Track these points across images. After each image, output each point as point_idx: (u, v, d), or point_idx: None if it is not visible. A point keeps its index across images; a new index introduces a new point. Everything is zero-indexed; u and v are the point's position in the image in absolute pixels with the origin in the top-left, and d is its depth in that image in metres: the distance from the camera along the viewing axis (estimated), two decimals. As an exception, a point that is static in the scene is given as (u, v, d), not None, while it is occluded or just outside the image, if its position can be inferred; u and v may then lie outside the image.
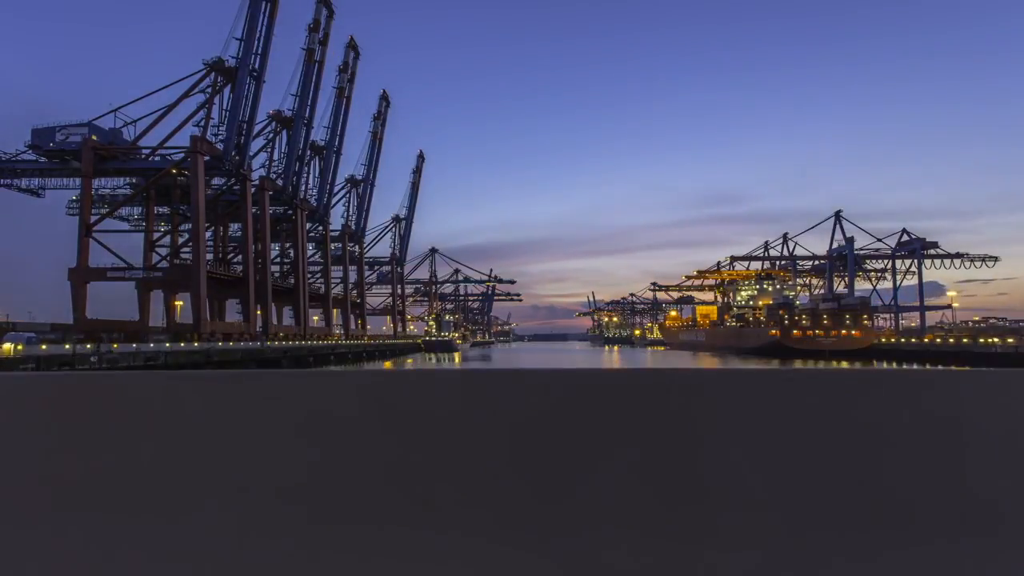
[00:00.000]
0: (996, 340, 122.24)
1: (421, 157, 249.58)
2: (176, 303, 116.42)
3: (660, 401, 3.04)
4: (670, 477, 2.96)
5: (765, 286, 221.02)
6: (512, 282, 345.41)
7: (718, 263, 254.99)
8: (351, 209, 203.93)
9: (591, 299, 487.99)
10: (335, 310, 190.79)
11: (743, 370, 3.15)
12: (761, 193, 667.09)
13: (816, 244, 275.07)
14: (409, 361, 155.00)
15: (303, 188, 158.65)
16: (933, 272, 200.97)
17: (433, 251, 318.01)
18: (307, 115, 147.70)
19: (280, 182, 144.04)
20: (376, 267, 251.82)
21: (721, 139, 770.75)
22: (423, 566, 2.94)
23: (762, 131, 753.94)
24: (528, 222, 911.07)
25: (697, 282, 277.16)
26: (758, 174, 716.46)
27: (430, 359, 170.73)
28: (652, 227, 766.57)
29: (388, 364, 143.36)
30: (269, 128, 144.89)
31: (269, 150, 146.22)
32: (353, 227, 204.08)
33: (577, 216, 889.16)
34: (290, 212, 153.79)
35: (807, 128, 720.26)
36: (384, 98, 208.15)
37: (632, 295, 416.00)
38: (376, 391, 3.13)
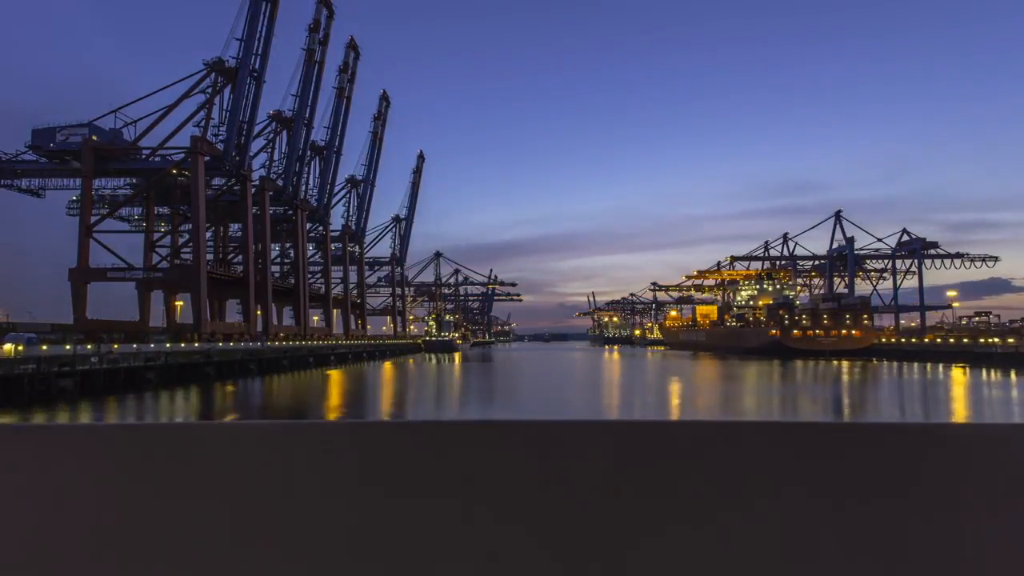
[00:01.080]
0: (997, 340, 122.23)
1: (421, 157, 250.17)
2: (176, 303, 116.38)
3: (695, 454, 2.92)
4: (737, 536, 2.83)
5: (765, 286, 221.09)
6: (513, 284, 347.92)
7: (718, 263, 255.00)
8: (351, 209, 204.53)
9: (591, 299, 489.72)
10: (335, 310, 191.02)
11: (796, 424, 3.02)
12: (833, 183, 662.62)
13: (816, 244, 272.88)
14: (410, 361, 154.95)
15: (303, 188, 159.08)
16: (993, 269, 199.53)
17: (438, 255, 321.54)
18: (307, 115, 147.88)
19: (280, 182, 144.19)
20: (376, 267, 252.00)
21: (787, 128, 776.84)
22: None
23: (846, 121, 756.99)
24: (556, 218, 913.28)
25: (697, 282, 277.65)
26: (831, 165, 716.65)
27: (430, 359, 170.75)
28: (698, 220, 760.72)
29: (388, 364, 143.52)
30: (269, 128, 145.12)
31: (269, 150, 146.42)
32: (353, 227, 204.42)
33: (614, 212, 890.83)
34: (290, 212, 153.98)
35: (895, 117, 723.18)
36: (384, 98, 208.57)
37: (632, 295, 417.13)
38: (435, 439, 3.03)
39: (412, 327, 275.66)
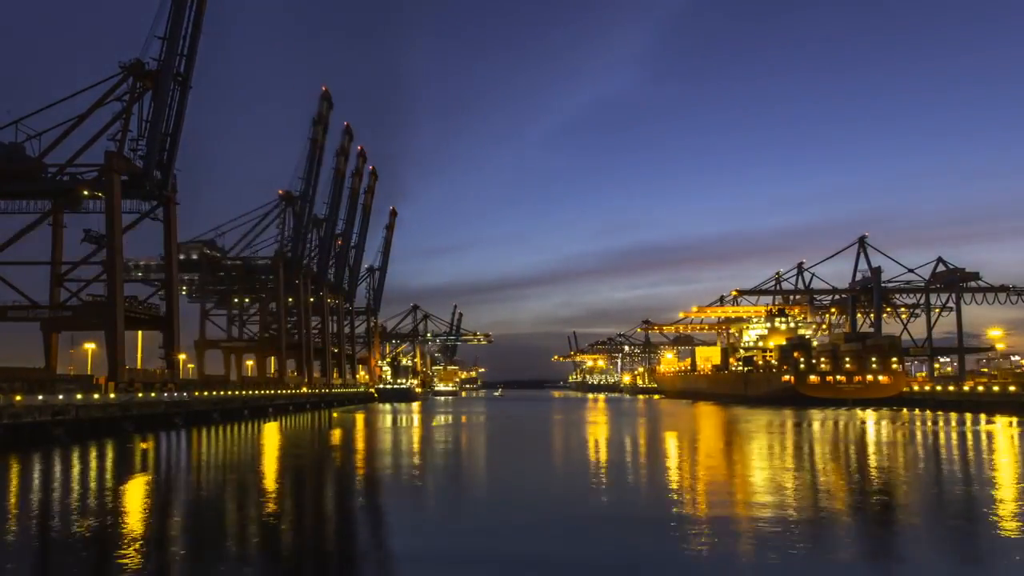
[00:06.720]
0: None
1: (394, 213, 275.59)
2: (88, 346, 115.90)
3: None
4: None
5: (777, 324, 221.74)
6: (478, 335, 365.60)
7: (720, 298, 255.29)
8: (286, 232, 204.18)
9: (572, 340, 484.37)
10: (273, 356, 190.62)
11: None
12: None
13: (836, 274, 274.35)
14: (359, 416, 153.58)
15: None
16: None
17: (415, 308, 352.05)
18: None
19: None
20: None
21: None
22: None
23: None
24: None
25: (696, 319, 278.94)
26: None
27: (385, 411, 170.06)
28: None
29: (336, 414, 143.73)
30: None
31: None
32: (289, 254, 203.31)
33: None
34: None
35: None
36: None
37: (621, 335, 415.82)
38: None
39: (362, 372, 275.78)
